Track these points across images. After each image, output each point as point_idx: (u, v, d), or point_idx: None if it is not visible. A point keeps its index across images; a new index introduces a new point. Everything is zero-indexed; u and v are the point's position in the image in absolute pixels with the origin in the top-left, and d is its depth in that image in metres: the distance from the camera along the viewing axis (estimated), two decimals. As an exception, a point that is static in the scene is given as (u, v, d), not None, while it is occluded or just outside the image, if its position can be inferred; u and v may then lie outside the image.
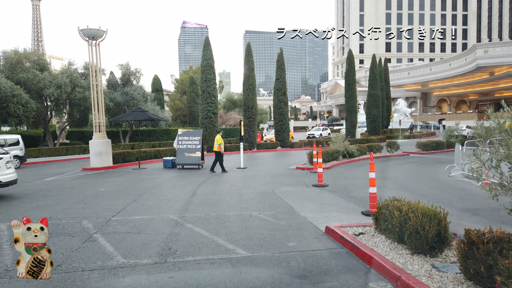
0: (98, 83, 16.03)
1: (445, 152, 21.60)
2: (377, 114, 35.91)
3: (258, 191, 9.93)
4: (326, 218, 6.91)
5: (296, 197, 9.05)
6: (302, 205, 8.16)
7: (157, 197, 9.30)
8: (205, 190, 10.21)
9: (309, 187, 10.64)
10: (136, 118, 15.21)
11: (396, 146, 20.65)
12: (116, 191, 10.30)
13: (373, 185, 7.20)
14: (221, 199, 8.88)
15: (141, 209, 7.90)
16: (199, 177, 12.95)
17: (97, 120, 16.02)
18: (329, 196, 9.25)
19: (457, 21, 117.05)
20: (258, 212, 7.49)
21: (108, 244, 5.42)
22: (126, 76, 32.49)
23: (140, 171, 14.99)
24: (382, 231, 5.26)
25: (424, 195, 9.13)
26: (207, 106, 23.66)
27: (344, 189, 10.25)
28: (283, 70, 27.33)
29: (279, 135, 27.59)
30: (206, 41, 23.67)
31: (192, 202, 8.55)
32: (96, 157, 15.65)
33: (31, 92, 25.12)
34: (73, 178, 13.24)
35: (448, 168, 14.40)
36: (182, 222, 6.71)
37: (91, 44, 15.66)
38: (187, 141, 15.89)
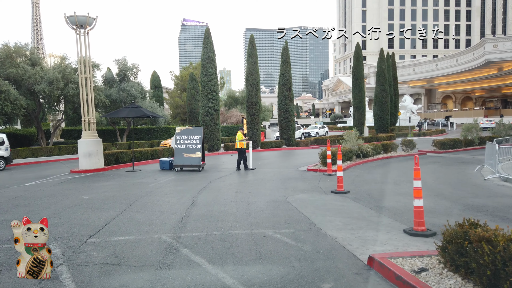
0: (87, 76, 14.51)
1: (464, 151, 20.07)
2: (385, 111, 34.36)
3: (268, 200, 8.42)
4: (361, 239, 5.40)
5: (315, 208, 7.53)
6: (325, 219, 6.65)
7: (149, 207, 7.79)
8: (206, 198, 8.70)
9: (328, 194, 9.12)
10: (129, 115, 13.68)
11: (412, 145, 19.12)
12: (102, 199, 8.79)
13: (419, 197, 5.68)
14: (226, 211, 7.37)
15: (128, 225, 6.39)
16: (199, 181, 11.45)
17: (87, 117, 14.50)
18: (354, 206, 7.73)
19: (461, 17, 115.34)
20: (273, 229, 5.98)
21: (73, 286, 3.92)
22: (123, 72, 30.97)
23: (134, 174, 13.48)
24: (455, 268, 3.74)
25: (472, 206, 7.59)
26: (208, 103, 22.12)
27: (369, 196, 8.73)
28: (288, 64, 25.79)
29: (284, 133, 26.07)
30: (206, 33, 22.10)
31: (190, 215, 7.05)
32: (85, 158, 14.14)
33: (21, 88, 23.64)
34: (57, 182, 11.74)
35: (478, 169, 12.89)
36: (177, 246, 5.20)
37: (79, 33, 14.12)
38: (186, 140, 14.38)
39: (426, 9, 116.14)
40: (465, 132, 22.19)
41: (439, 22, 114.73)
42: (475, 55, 57.91)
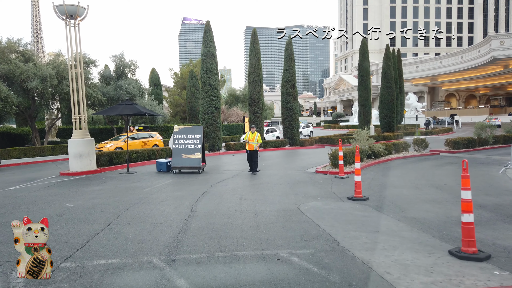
0: (78, 70, 13.42)
1: (479, 151, 18.98)
2: (391, 109, 33.23)
3: (278, 208, 7.36)
4: (400, 265, 4.33)
5: (334, 219, 6.47)
6: (349, 234, 5.59)
7: (140, 219, 6.73)
8: (207, 207, 7.64)
9: (344, 201, 8.06)
10: (123, 113, 12.59)
11: (424, 144, 18.05)
12: (89, 208, 7.73)
13: (468, 211, 4.63)
14: (230, 224, 6.31)
15: (113, 243, 5.33)
16: (199, 186, 10.38)
17: (77, 115, 13.42)
18: (379, 217, 6.67)
19: (463, 14, 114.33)
20: (288, 250, 4.92)
21: None
22: (121, 69, 29.87)
23: (128, 177, 12.40)
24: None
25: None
26: (208, 100, 21.01)
27: (393, 204, 7.66)
28: (292, 60, 24.69)
29: (288, 132, 24.97)
30: (207, 26, 20.96)
31: (188, 229, 5.99)
32: (75, 160, 13.06)
33: (14, 85, 22.59)
34: (43, 186, 10.68)
35: (503, 171, 11.81)
36: (170, 275, 4.14)
37: (69, 24, 13.03)
38: (184, 140, 13.30)
39: (428, 7, 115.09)
40: (478, 131, 21.10)
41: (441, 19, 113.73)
42: (480, 52, 56.73)
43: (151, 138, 22.59)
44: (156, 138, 22.97)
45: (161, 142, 22.92)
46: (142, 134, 22.71)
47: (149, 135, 22.89)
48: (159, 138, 23.25)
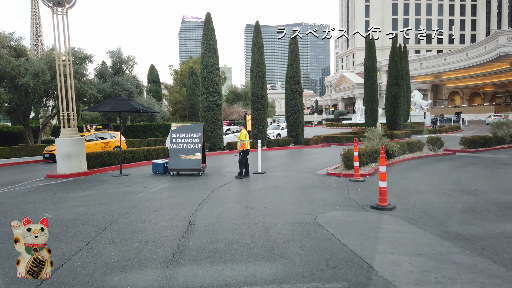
0: (66, 63, 12.26)
1: (497, 150, 17.83)
2: (398, 106, 32.05)
3: (292, 221, 6.22)
4: (470, 309, 3.20)
5: (362, 236, 5.33)
6: (386, 258, 4.45)
7: (128, 235, 5.59)
8: (207, 218, 6.50)
9: (368, 210, 6.91)
10: (114, 109, 11.43)
11: (440, 144, 16.91)
12: (69, 219, 6.59)
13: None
14: (236, 242, 5.17)
15: (89, 270, 4.20)
16: (199, 190, 9.25)
17: (66, 111, 12.26)
18: (415, 233, 5.52)
19: (466, 11, 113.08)
20: (313, 282, 3.77)
21: None
22: (118, 65, 28.70)
23: (120, 180, 11.26)
24: None
25: None
26: (209, 96, 19.85)
27: (425, 215, 6.52)
28: (296, 54, 23.51)
29: (292, 131, 23.82)
30: (207, 18, 19.77)
31: (185, 250, 4.86)
32: (63, 161, 11.91)
33: (4, 81, 21.47)
34: (24, 191, 9.54)
35: (536, 174, 10.66)
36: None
37: (56, 12, 11.87)
38: (183, 139, 12.16)
39: (430, 4, 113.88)
40: (494, 129, 19.97)
41: (444, 16, 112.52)
42: (487, 49, 55.51)
43: (112, 139, 20.16)
44: (117, 138, 20.24)
45: (124, 143, 19.56)
46: (101, 134, 20.38)
47: (111, 135, 20.46)
48: (122, 139, 19.65)
